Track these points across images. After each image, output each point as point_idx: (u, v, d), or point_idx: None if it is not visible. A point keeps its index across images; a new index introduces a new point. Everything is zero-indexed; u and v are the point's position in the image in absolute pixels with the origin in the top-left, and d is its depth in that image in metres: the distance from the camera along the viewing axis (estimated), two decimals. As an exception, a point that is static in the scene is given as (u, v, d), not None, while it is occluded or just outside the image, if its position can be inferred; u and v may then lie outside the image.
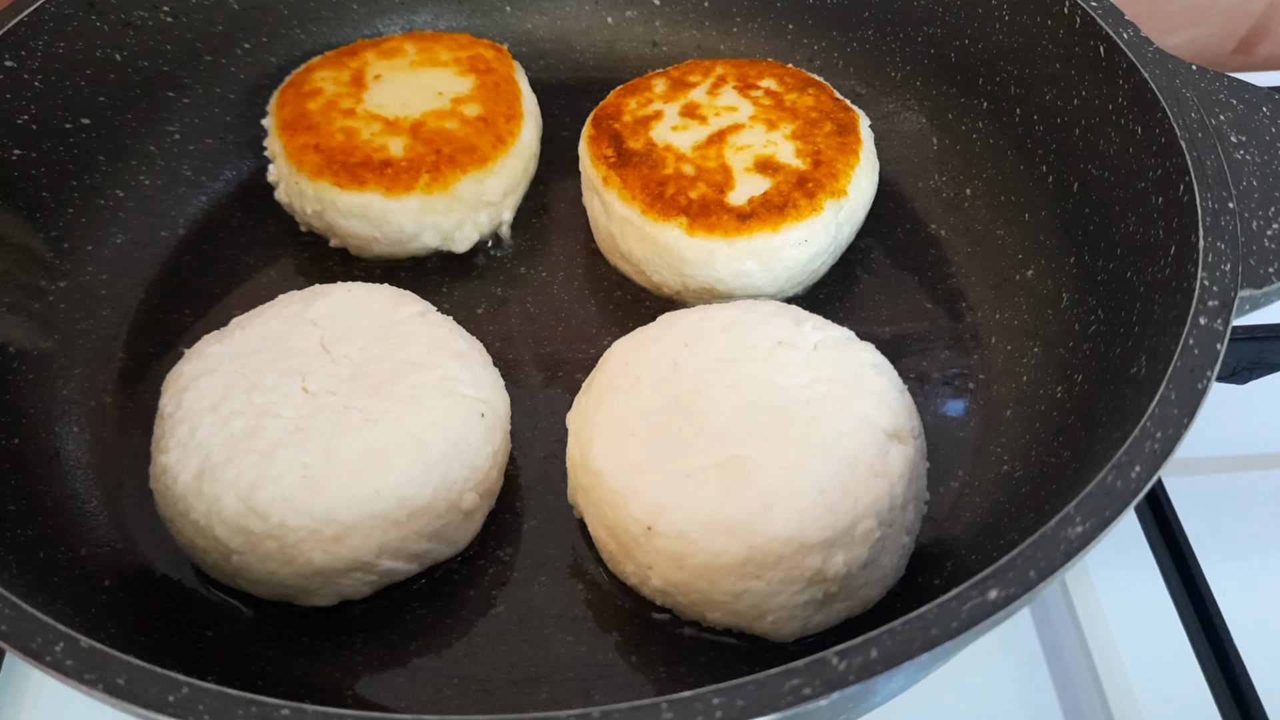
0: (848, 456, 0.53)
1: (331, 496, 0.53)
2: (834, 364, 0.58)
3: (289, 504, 0.53)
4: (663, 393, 0.57)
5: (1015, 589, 0.42)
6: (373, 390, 0.57)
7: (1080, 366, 0.62)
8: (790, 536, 0.51)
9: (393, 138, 0.72)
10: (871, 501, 0.53)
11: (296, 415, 0.55)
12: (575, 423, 0.59)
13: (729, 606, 0.53)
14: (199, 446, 0.55)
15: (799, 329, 0.59)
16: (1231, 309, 0.51)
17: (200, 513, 0.54)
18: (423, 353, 0.59)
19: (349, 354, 0.59)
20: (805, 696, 0.38)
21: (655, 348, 0.59)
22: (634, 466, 0.54)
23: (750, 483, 0.53)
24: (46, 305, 0.68)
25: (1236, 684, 0.60)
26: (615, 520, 0.55)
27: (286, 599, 0.56)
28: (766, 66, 0.77)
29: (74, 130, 0.72)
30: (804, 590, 0.52)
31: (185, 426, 0.56)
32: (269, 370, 0.57)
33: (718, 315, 0.61)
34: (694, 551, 0.52)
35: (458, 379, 0.59)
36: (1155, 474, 0.45)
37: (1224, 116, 0.63)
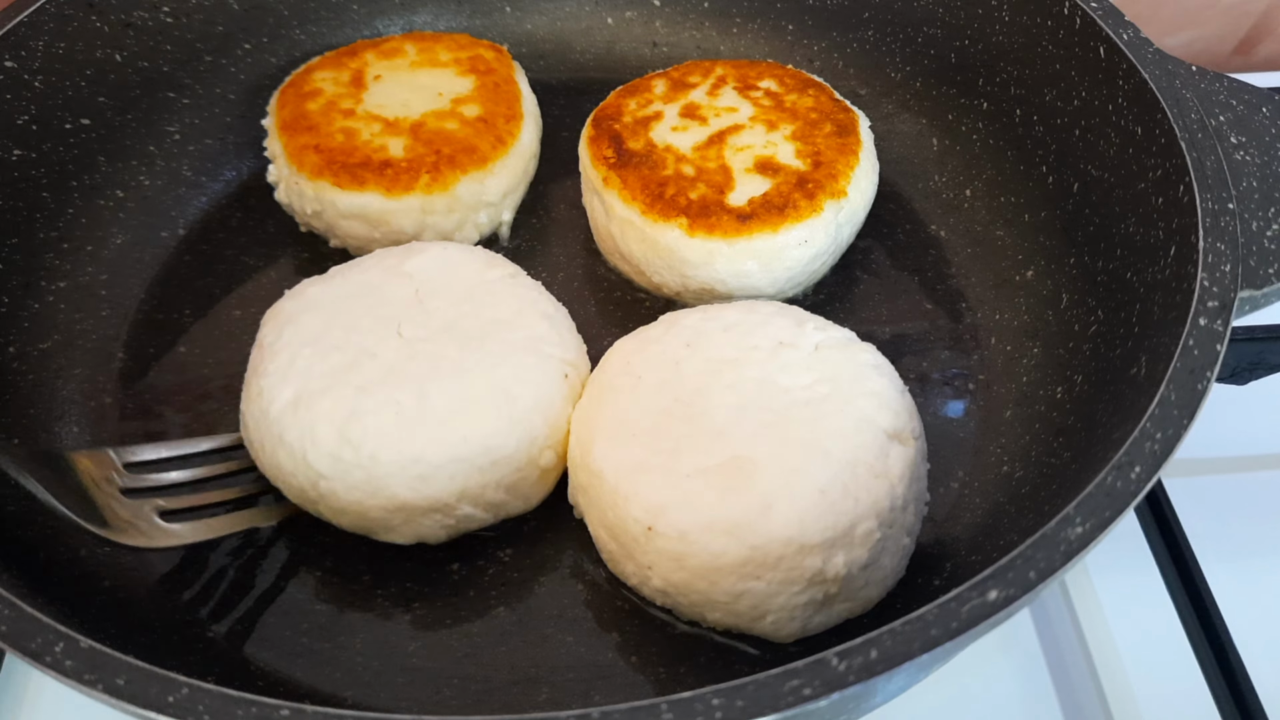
0: (848, 457, 0.53)
1: (422, 436, 0.55)
2: (835, 365, 0.58)
3: (382, 438, 0.55)
4: (664, 393, 0.57)
5: (1015, 590, 0.42)
6: (464, 342, 0.59)
7: (1080, 367, 0.62)
8: (790, 537, 0.51)
9: (392, 138, 0.72)
10: (872, 502, 0.53)
11: (392, 358, 0.58)
12: (576, 422, 0.59)
13: (729, 607, 0.53)
14: (298, 374, 0.57)
15: (800, 330, 0.59)
16: (1231, 310, 0.51)
17: (294, 437, 0.56)
18: (512, 312, 0.62)
19: (441, 307, 0.61)
20: (805, 697, 0.38)
21: (656, 347, 0.59)
22: (634, 466, 0.54)
23: (751, 483, 0.53)
24: (46, 305, 0.68)
25: (1236, 684, 0.60)
26: (615, 520, 0.55)
27: (366, 532, 0.58)
28: (766, 67, 0.77)
29: (74, 131, 0.72)
30: (804, 591, 0.52)
31: (285, 355, 0.58)
32: (366, 314, 0.60)
33: (719, 315, 0.61)
34: (694, 552, 0.52)
35: (545, 339, 0.61)
36: (1155, 475, 0.45)
37: (1224, 117, 0.63)
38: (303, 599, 0.59)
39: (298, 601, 0.59)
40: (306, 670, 0.56)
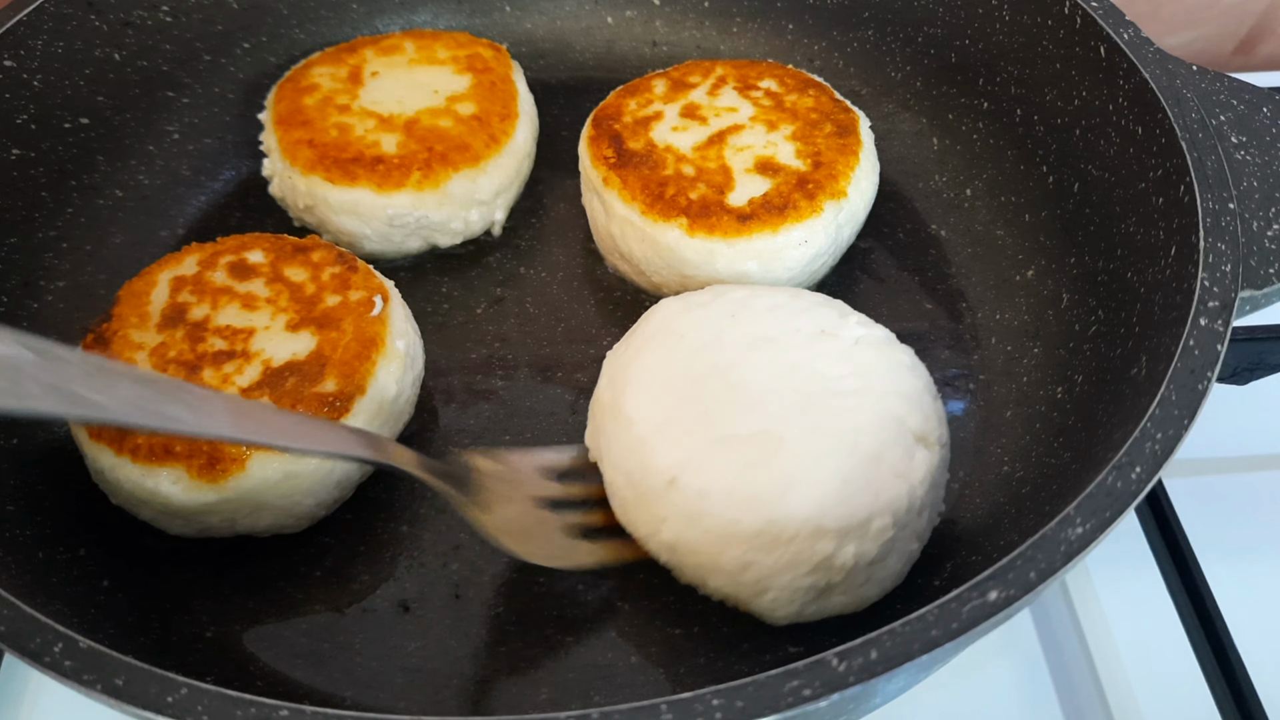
0: (873, 452, 0.54)
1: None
2: (872, 361, 0.58)
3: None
4: (702, 357, 0.58)
5: (1015, 590, 0.42)
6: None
7: (1080, 367, 0.62)
8: (808, 518, 0.52)
9: (386, 134, 0.72)
10: (890, 500, 0.53)
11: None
12: (610, 365, 0.60)
13: (733, 576, 0.53)
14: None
15: (843, 322, 0.60)
16: (1232, 310, 0.51)
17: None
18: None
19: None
20: (805, 698, 0.38)
21: (701, 312, 0.60)
22: (665, 419, 0.55)
23: (777, 459, 0.53)
24: (46, 305, 0.68)
25: (1237, 684, 0.60)
26: (637, 468, 0.55)
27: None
28: (767, 67, 0.77)
29: (73, 130, 0.72)
30: (809, 575, 0.53)
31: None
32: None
33: (766, 294, 0.62)
34: (711, 513, 0.53)
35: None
36: (1156, 475, 0.45)
37: (1224, 117, 0.63)
38: (301, 599, 0.59)
39: (297, 602, 0.59)
40: (306, 671, 0.56)
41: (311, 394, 0.57)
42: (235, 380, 0.58)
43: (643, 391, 0.57)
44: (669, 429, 0.55)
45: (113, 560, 0.59)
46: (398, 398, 0.61)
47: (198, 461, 0.55)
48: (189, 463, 0.55)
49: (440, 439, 0.66)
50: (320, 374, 0.58)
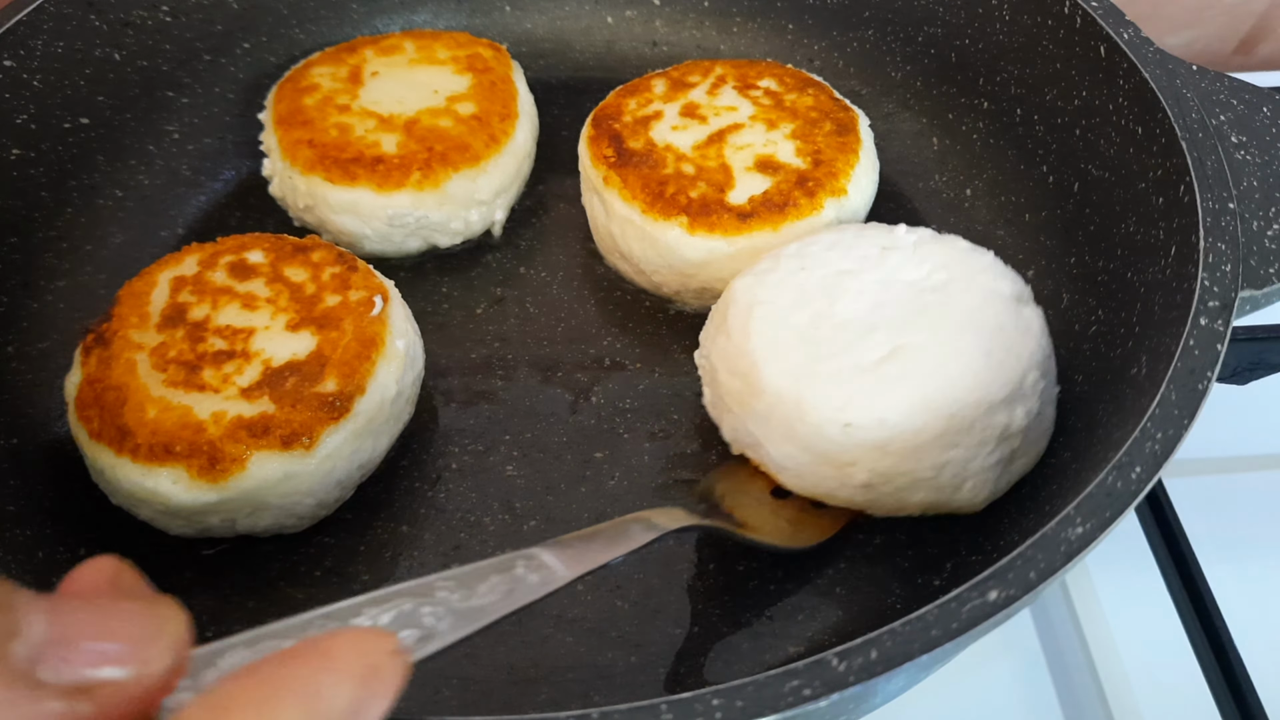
0: (993, 324, 0.58)
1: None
2: (940, 253, 0.61)
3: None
4: (800, 310, 0.59)
5: (1015, 590, 0.42)
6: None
7: (1080, 367, 0.62)
8: (979, 399, 0.55)
9: (386, 134, 0.72)
10: (1029, 356, 0.57)
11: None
12: (722, 360, 0.61)
13: (933, 482, 0.56)
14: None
15: (893, 234, 0.63)
16: (1232, 309, 0.51)
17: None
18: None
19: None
20: (805, 697, 0.38)
21: (773, 276, 0.61)
22: (811, 375, 0.57)
23: (923, 363, 0.56)
24: (45, 305, 0.68)
25: (1237, 685, 0.60)
26: (805, 430, 0.56)
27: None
28: (766, 67, 0.77)
29: (73, 130, 0.72)
30: (995, 450, 0.56)
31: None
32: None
33: (817, 240, 0.63)
34: (896, 435, 0.54)
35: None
36: (1156, 475, 0.45)
37: (1224, 117, 0.63)
38: (302, 599, 0.59)
39: (296, 602, 0.59)
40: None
41: (312, 394, 0.57)
42: (235, 380, 0.58)
43: (772, 364, 0.58)
44: (819, 381, 0.56)
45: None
46: (398, 397, 0.61)
47: (198, 461, 0.55)
48: (189, 462, 0.55)
49: (440, 438, 0.66)
50: (320, 374, 0.58)
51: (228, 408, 0.57)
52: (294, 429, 0.56)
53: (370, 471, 0.62)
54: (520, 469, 0.64)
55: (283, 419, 0.56)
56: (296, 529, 0.60)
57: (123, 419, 0.56)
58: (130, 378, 0.58)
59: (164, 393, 0.57)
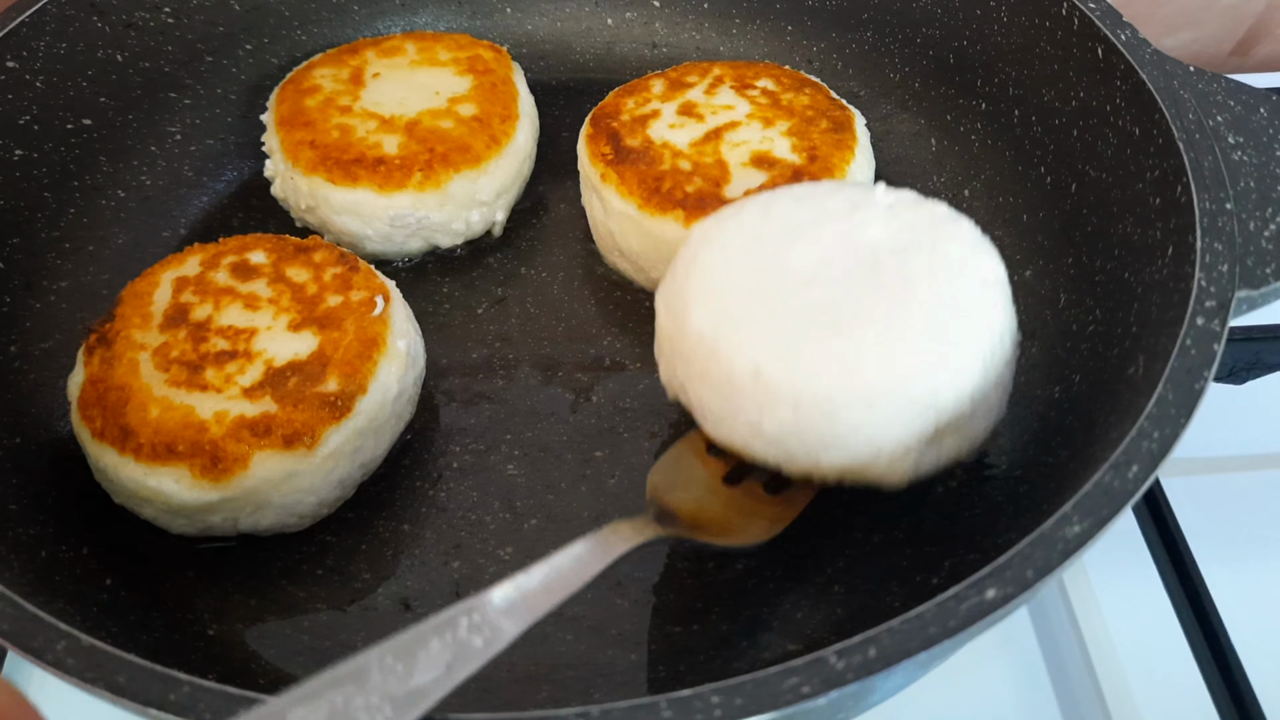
0: (942, 292, 0.54)
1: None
2: (913, 216, 0.58)
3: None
4: (749, 256, 0.57)
5: (1013, 588, 0.42)
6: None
7: (1078, 367, 0.62)
8: (900, 370, 0.52)
9: (387, 135, 0.72)
10: (972, 334, 0.54)
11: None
12: (663, 299, 0.59)
13: (845, 443, 0.53)
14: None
15: (870, 194, 0.60)
16: (1229, 309, 0.51)
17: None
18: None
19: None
20: (804, 695, 0.39)
21: (734, 220, 0.59)
22: (734, 319, 0.55)
23: (854, 320, 0.53)
24: (48, 305, 0.68)
25: (1234, 684, 0.60)
26: (719, 375, 0.54)
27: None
28: (763, 67, 0.77)
29: (75, 131, 0.72)
30: (915, 419, 0.52)
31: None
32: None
33: (789, 190, 0.61)
34: (806, 388, 0.52)
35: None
36: (1153, 474, 0.45)
37: (1221, 118, 0.63)
38: (303, 597, 0.59)
39: (298, 600, 0.59)
40: (307, 668, 0.56)
41: (313, 393, 0.58)
42: (238, 380, 0.58)
43: (705, 305, 0.56)
44: (739, 327, 0.54)
45: (115, 559, 0.59)
46: (399, 397, 0.62)
47: (200, 461, 0.55)
48: (191, 462, 0.55)
49: (441, 438, 0.66)
50: (322, 374, 0.58)
51: (230, 407, 0.57)
52: (296, 428, 0.56)
53: (372, 470, 0.62)
54: (521, 468, 0.65)
55: (285, 418, 0.56)
56: (298, 528, 0.60)
57: (125, 418, 0.56)
58: (133, 377, 0.58)
59: (166, 392, 0.57)
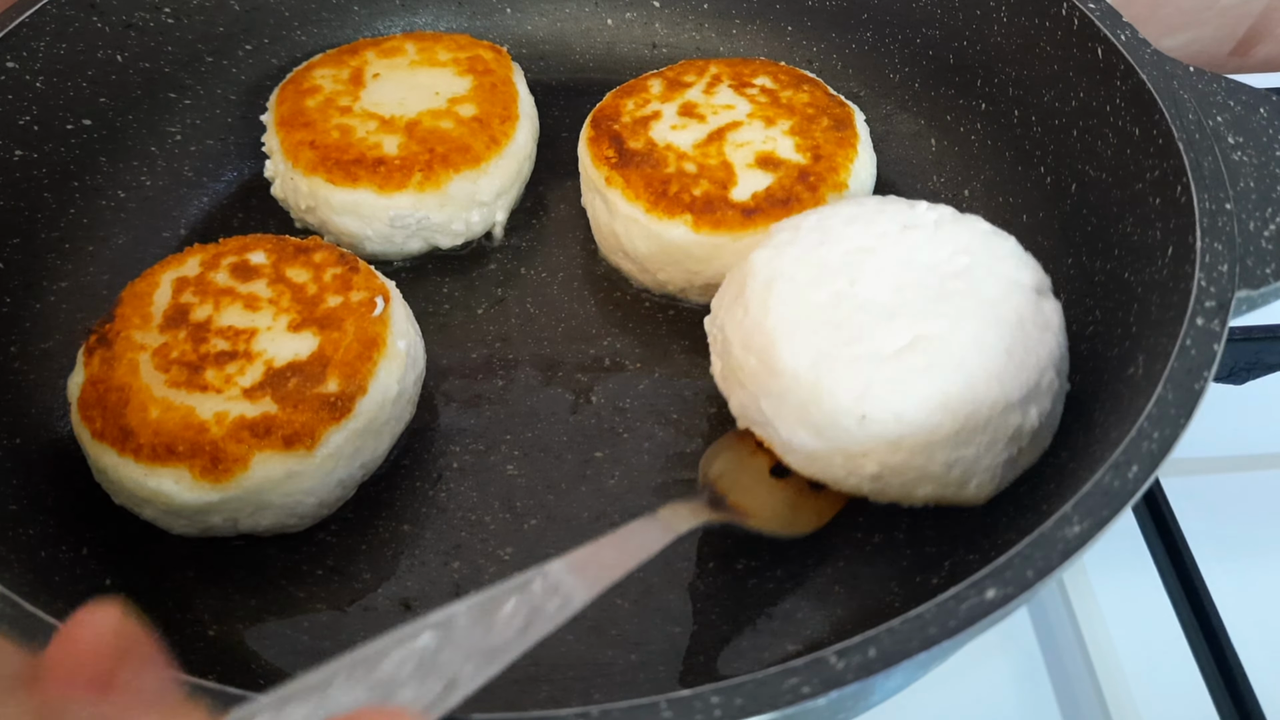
0: (1014, 317, 0.56)
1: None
2: (962, 236, 0.59)
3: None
4: (821, 289, 0.58)
5: (1013, 588, 0.42)
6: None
7: (1078, 367, 0.62)
8: (995, 400, 0.53)
9: (387, 136, 0.72)
10: (1047, 354, 0.56)
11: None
12: (739, 333, 0.59)
13: (941, 478, 0.55)
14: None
15: (914, 211, 0.61)
16: (1229, 310, 0.51)
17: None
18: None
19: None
20: (804, 695, 0.39)
21: (793, 250, 0.60)
22: (830, 359, 0.55)
23: (943, 356, 0.54)
24: (48, 305, 0.68)
25: (1234, 684, 0.60)
26: (821, 416, 0.55)
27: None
28: (760, 65, 0.77)
29: (75, 131, 0.72)
30: (1005, 448, 0.55)
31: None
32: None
33: (835, 213, 0.62)
34: (911, 431, 0.53)
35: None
36: (1153, 474, 0.45)
37: (1221, 118, 0.63)
38: (303, 597, 0.59)
39: (298, 600, 0.59)
40: (307, 668, 0.56)
41: (314, 394, 0.58)
42: (238, 381, 0.58)
43: (792, 340, 0.56)
44: (838, 366, 0.55)
45: (115, 559, 0.59)
46: (399, 397, 0.62)
47: (200, 461, 0.55)
48: (191, 462, 0.55)
49: (441, 438, 0.66)
50: (322, 374, 0.58)
51: (230, 408, 0.57)
52: (296, 429, 0.56)
53: (372, 471, 0.62)
54: (521, 468, 0.65)
55: (285, 419, 0.56)
56: (298, 528, 0.60)
57: (125, 419, 0.56)
58: (133, 378, 0.58)
59: (166, 393, 0.57)
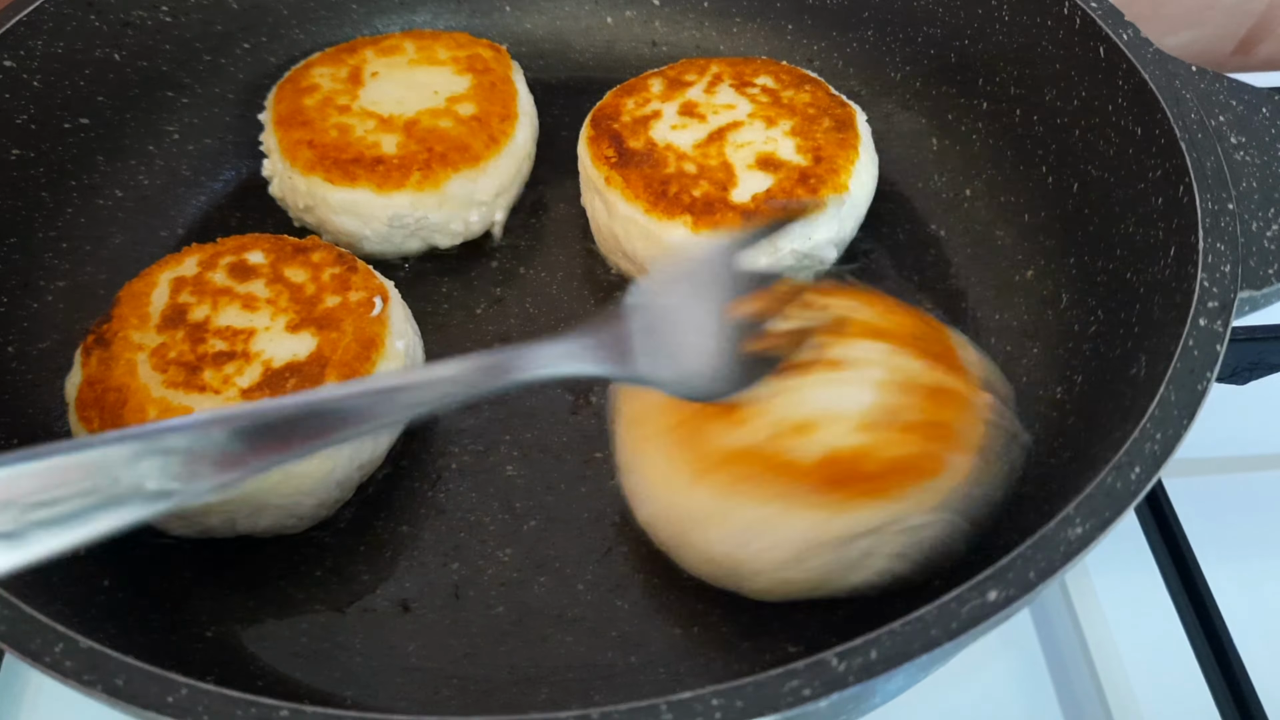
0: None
1: None
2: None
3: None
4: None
5: (1015, 590, 0.42)
6: None
7: (1080, 367, 0.62)
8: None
9: (386, 135, 0.72)
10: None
11: None
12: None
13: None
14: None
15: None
16: (1231, 310, 0.51)
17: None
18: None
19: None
20: (805, 698, 0.39)
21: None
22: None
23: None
24: (45, 305, 0.68)
25: (1237, 685, 0.60)
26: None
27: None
28: (761, 64, 0.77)
29: (73, 130, 0.72)
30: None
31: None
32: None
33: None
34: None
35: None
36: (1155, 475, 0.45)
37: (1224, 117, 0.63)
38: (302, 599, 0.59)
39: (297, 601, 0.59)
40: (305, 670, 0.56)
41: None
42: (236, 381, 0.58)
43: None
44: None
45: (113, 560, 0.58)
46: (398, 398, 0.61)
47: None
48: None
49: (440, 438, 0.66)
50: (321, 375, 0.58)
51: None
52: None
53: (370, 472, 0.62)
54: (520, 469, 0.64)
55: None
56: (296, 529, 0.60)
57: (123, 420, 0.56)
58: (130, 378, 0.58)
59: (164, 393, 0.57)
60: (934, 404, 0.54)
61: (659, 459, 0.54)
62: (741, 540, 0.53)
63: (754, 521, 0.52)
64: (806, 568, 0.53)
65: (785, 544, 0.52)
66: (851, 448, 0.52)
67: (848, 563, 0.53)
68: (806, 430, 0.53)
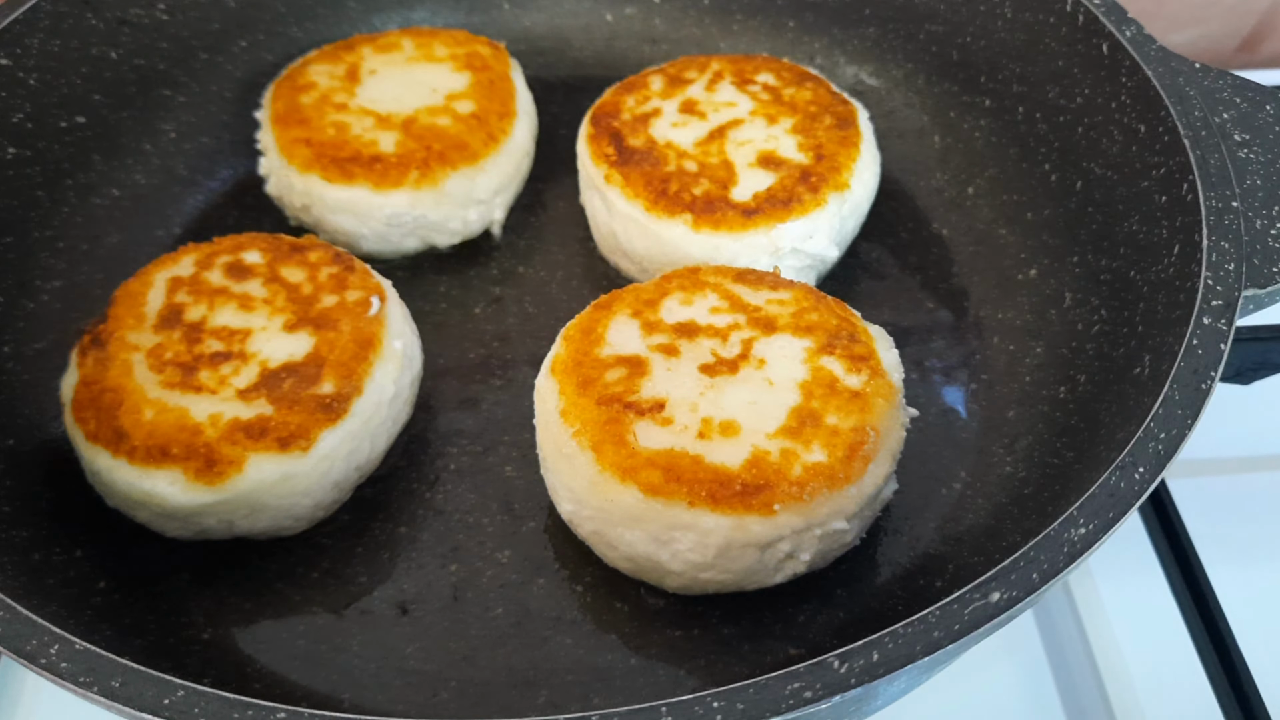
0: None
1: None
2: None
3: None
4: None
5: (1018, 591, 0.41)
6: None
7: (1083, 367, 0.61)
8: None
9: (384, 133, 0.72)
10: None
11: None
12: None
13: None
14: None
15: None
16: (1235, 309, 0.51)
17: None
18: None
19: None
20: (806, 700, 0.38)
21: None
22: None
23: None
24: (42, 305, 0.68)
25: (1240, 686, 0.60)
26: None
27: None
28: (762, 61, 0.77)
29: (69, 129, 0.71)
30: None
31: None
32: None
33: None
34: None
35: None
36: (1159, 475, 0.45)
37: (1227, 115, 0.62)
38: (299, 600, 0.59)
39: (294, 603, 0.58)
40: (303, 672, 0.56)
41: (309, 395, 0.57)
42: (232, 381, 0.57)
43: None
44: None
45: (109, 562, 0.58)
46: (395, 398, 0.61)
47: (194, 463, 0.55)
48: (186, 464, 0.55)
49: (439, 439, 0.66)
50: (317, 375, 0.58)
51: (224, 409, 0.56)
52: (291, 430, 0.56)
53: (368, 473, 0.62)
54: (519, 469, 0.64)
55: (280, 420, 0.56)
56: (294, 531, 0.60)
57: (119, 421, 0.56)
58: (126, 379, 0.57)
59: (160, 394, 0.57)
60: (855, 408, 0.55)
61: (583, 457, 0.54)
62: (663, 541, 0.53)
63: (676, 524, 0.52)
64: (725, 569, 0.53)
65: (706, 547, 0.52)
66: (775, 452, 0.53)
67: (766, 566, 0.54)
68: (730, 431, 0.54)
